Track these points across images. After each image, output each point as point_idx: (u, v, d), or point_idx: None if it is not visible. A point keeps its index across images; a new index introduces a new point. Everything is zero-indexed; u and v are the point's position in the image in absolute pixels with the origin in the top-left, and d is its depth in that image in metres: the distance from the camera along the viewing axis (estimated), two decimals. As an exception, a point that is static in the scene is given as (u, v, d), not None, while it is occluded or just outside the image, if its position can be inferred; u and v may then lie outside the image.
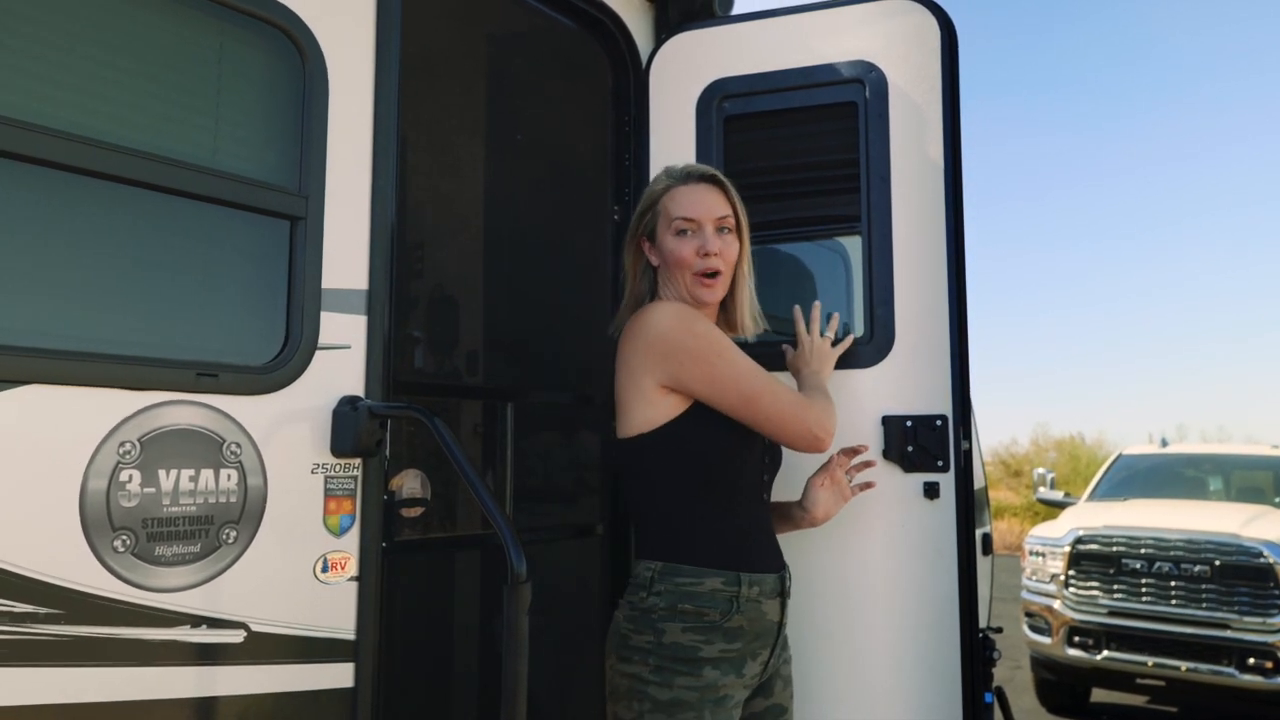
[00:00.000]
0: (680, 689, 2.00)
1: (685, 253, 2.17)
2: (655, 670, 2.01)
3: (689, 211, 2.19)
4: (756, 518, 2.19)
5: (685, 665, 2.01)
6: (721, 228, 2.20)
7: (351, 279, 2.06)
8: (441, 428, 1.93)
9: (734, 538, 2.12)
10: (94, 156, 1.70)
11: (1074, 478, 19.69)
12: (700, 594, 2.04)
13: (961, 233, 2.56)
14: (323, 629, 1.96)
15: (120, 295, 1.79)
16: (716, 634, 2.04)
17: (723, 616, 2.04)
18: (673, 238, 2.19)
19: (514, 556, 1.75)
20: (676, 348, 2.06)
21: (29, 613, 1.58)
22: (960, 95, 2.60)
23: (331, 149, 2.04)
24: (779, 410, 2.10)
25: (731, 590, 2.06)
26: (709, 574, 2.06)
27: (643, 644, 2.04)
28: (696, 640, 2.02)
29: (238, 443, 1.85)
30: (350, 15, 2.11)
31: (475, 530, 3.09)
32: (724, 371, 2.07)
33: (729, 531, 2.12)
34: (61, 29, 1.72)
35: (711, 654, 2.02)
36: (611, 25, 2.84)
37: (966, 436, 2.52)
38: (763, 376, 2.12)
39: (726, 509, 2.12)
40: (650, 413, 2.08)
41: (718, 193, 2.23)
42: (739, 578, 2.07)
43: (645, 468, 2.13)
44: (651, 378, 2.07)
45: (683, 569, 2.06)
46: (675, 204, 2.20)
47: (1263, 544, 6.11)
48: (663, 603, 2.04)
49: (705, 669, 2.01)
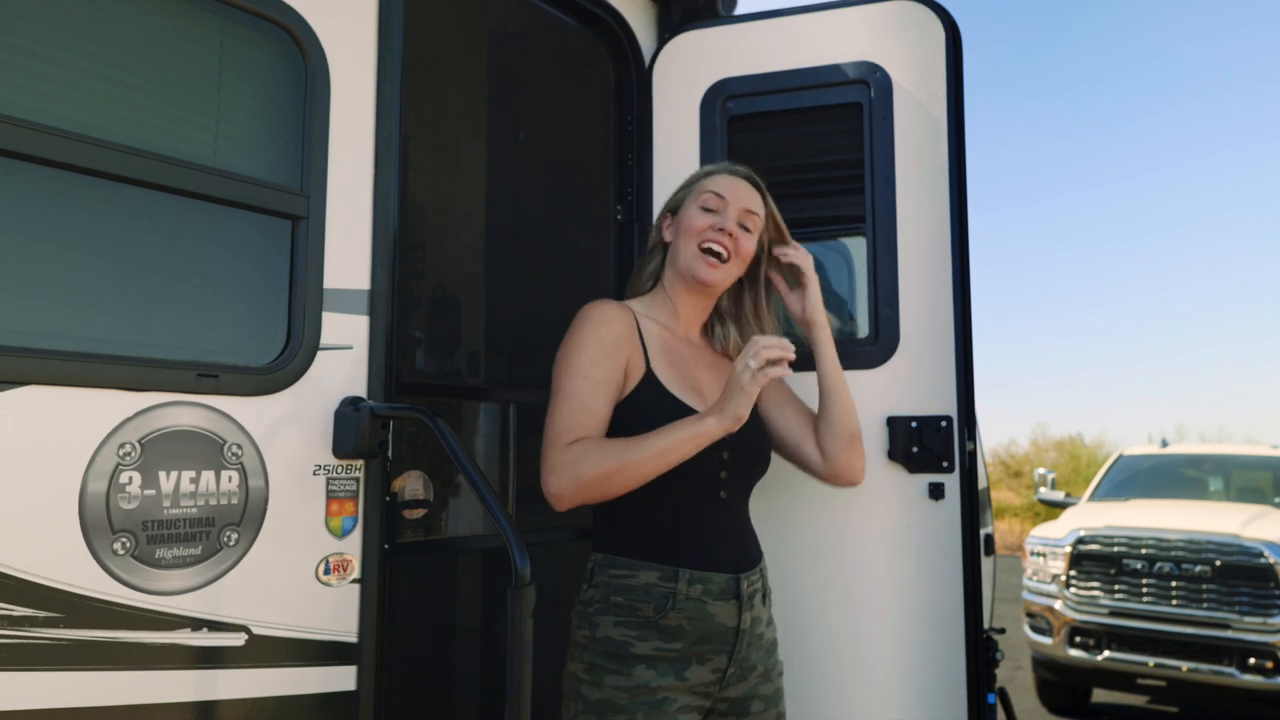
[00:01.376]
0: (610, 689, 1.93)
1: (699, 222, 2.17)
2: (588, 669, 1.97)
3: (721, 189, 2.20)
4: (709, 515, 2.08)
5: (615, 662, 1.94)
6: (744, 223, 2.19)
7: (353, 279, 2.05)
8: (444, 428, 1.91)
9: (675, 532, 2.03)
10: (94, 155, 1.69)
11: (1074, 478, 19.71)
12: (633, 587, 1.98)
13: (966, 234, 2.55)
14: (324, 632, 1.95)
15: (120, 295, 1.78)
16: (650, 630, 1.96)
17: (656, 612, 1.96)
18: (695, 209, 2.19)
19: (518, 558, 1.74)
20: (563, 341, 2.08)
21: (28, 616, 1.56)
22: (965, 97, 2.59)
23: (333, 148, 2.02)
24: (546, 439, 2.00)
25: (668, 586, 1.98)
26: (644, 567, 1.99)
27: (580, 639, 2.01)
28: (629, 635, 1.96)
29: (239, 444, 1.84)
30: (352, 14, 2.10)
31: (478, 532, 3.08)
32: (558, 379, 2.04)
33: (670, 526, 2.04)
34: (62, 27, 1.70)
35: (644, 651, 1.95)
36: (614, 24, 2.83)
37: (971, 437, 2.51)
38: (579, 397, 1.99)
39: (668, 503, 2.03)
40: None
41: (756, 193, 2.25)
42: (677, 573, 1.99)
43: None
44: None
45: (619, 561, 2.02)
46: (711, 182, 2.22)
47: (1263, 544, 6.11)
48: (598, 595, 2.01)
49: (637, 667, 1.94)
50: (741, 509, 2.18)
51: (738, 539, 2.13)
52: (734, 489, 2.14)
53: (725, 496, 2.11)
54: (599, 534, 2.10)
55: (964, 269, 2.53)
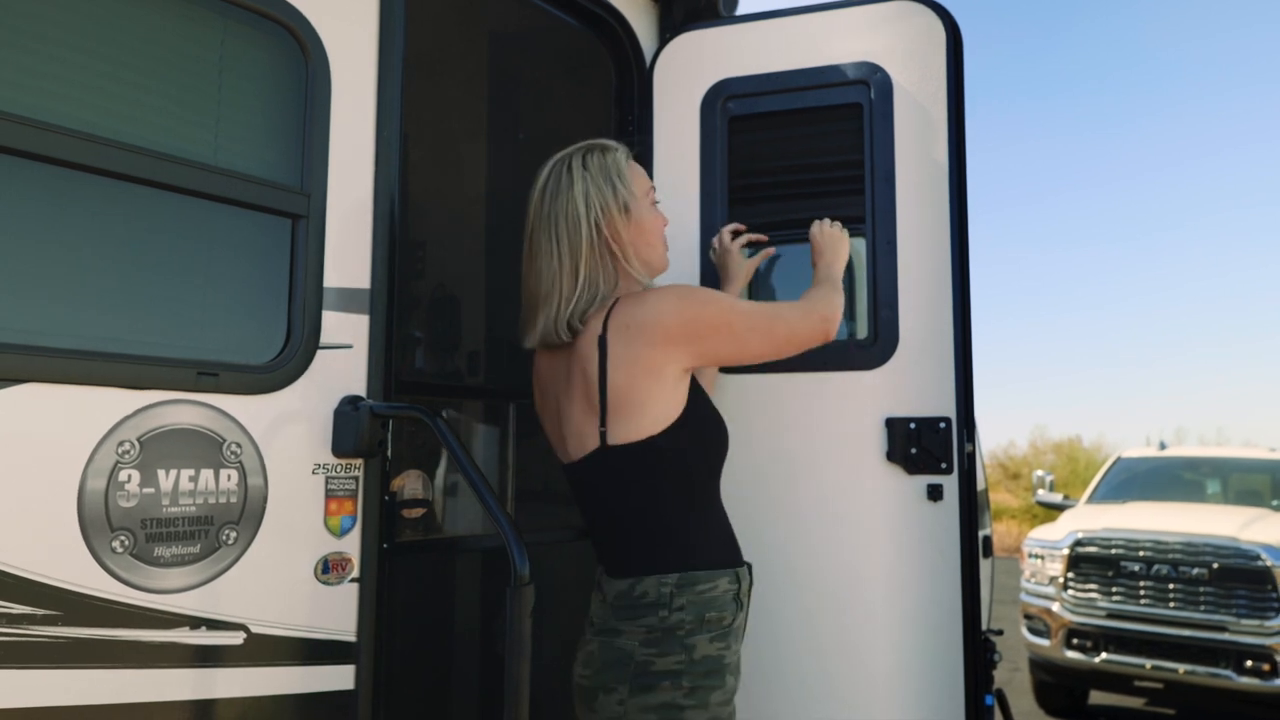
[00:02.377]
0: (715, 705, 1.90)
1: (661, 223, 2.17)
2: (690, 693, 1.88)
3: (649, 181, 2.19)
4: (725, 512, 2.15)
5: (715, 679, 1.91)
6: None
7: (353, 278, 2.05)
8: (444, 428, 1.91)
9: (725, 533, 2.08)
10: (95, 153, 1.68)
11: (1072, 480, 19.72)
12: (717, 598, 1.95)
13: (966, 235, 2.55)
14: (323, 631, 1.94)
15: (120, 293, 1.78)
16: (732, 637, 1.98)
17: (733, 618, 1.98)
18: (650, 209, 2.15)
19: (517, 558, 1.74)
20: (704, 327, 1.97)
21: (26, 614, 1.56)
22: (965, 98, 2.59)
23: (334, 147, 2.02)
24: (791, 325, 2.10)
25: (734, 588, 2.00)
26: (719, 575, 1.98)
27: (671, 666, 1.89)
28: (721, 649, 1.94)
29: (238, 443, 1.84)
30: (353, 12, 2.09)
31: (477, 531, 3.08)
32: (742, 323, 2.04)
33: (721, 528, 2.08)
34: (63, 25, 1.70)
35: (731, 659, 1.96)
36: (615, 24, 2.83)
37: (970, 439, 2.51)
38: (761, 307, 2.12)
39: (715, 505, 2.08)
40: (666, 408, 1.95)
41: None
42: (737, 574, 2.02)
43: (650, 471, 1.97)
44: (676, 366, 1.95)
45: (698, 576, 1.95)
46: (638, 172, 2.17)
47: (1261, 547, 6.11)
48: (689, 617, 1.91)
49: (728, 677, 1.94)
50: None
51: None
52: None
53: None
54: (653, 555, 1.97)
55: (964, 270, 2.53)
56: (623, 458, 1.96)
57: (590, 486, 2.04)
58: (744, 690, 2.45)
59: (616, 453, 1.96)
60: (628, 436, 1.95)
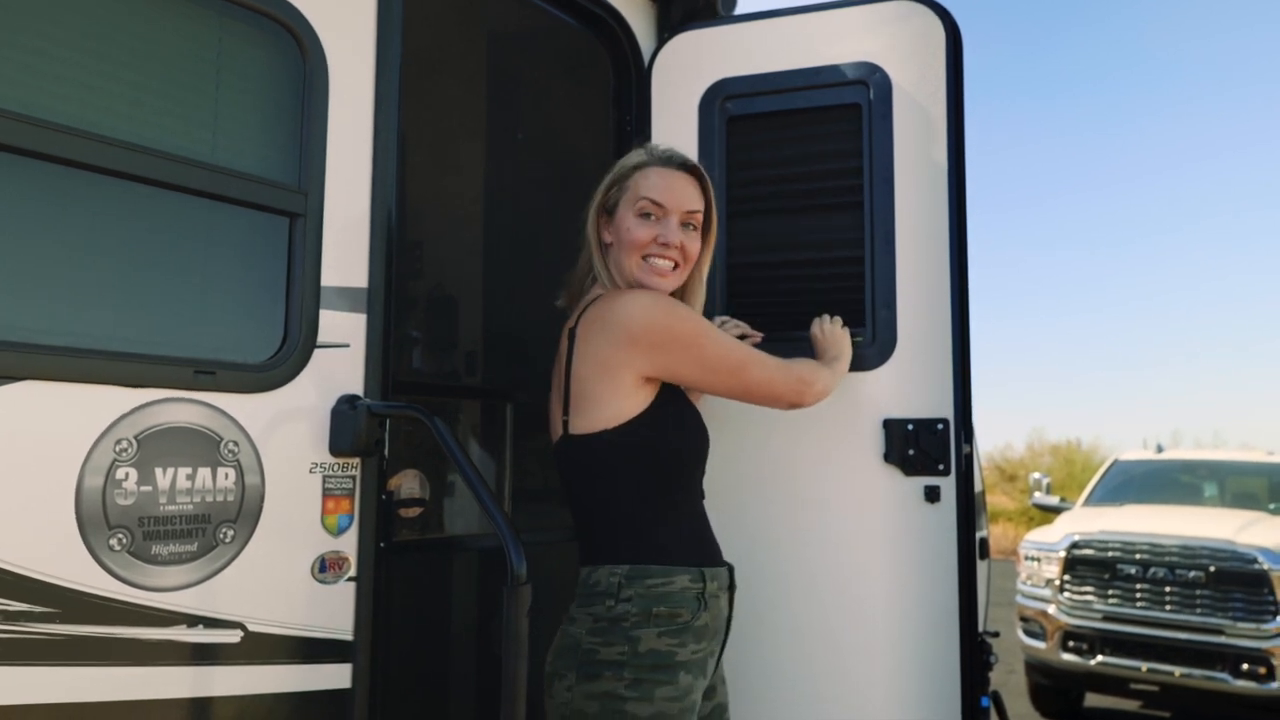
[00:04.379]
0: (662, 701, 1.89)
1: (642, 236, 2.07)
2: (632, 685, 1.88)
3: (659, 195, 2.09)
4: (702, 511, 2.14)
5: (664, 673, 1.90)
6: (688, 223, 2.12)
7: (351, 277, 2.05)
8: (441, 427, 1.91)
9: (694, 533, 2.07)
10: (92, 150, 1.69)
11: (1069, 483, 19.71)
12: (672, 594, 1.95)
13: (964, 236, 2.55)
14: (320, 629, 1.94)
15: (118, 291, 1.78)
16: (689, 635, 1.95)
17: (693, 616, 1.96)
18: (634, 218, 2.09)
19: (514, 557, 1.74)
20: (668, 338, 1.98)
21: (23, 611, 1.56)
22: (964, 98, 2.59)
23: (332, 145, 2.02)
24: (767, 374, 2.11)
25: (698, 587, 1.99)
26: (677, 572, 1.97)
27: (614, 657, 1.90)
28: (672, 645, 1.93)
29: (235, 441, 1.84)
30: (352, 11, 2.09)
31: (474, 531, 3.08)
32: (713, 351, 2.04)
33: (690, 526, 2.07)
34: (61, 22, 1.70)
35: (685, 657, 1.94)
36: (614, 24, 2.83)
37: (968, 440, 2.51)
38: (743, 346, 2.13)
39: (686, 503, 2.07)
40: (622, 406, 1.98)
41: (694, 186, 2.14)
42: (703, 573, 2.00)
43: (608, 464, 2.01)
44: (634, 371, 1.97)
45: (652, 570, 1.96)
46: (647, 184, 2.10)
47: (1257, 550, 6.11)
48: (635, 609, 1.93)
49: (680, 674, 1.92)
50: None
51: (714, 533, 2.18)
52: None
53: (704, 493, 2.16)
54: (610, 545, 2.00)
55: (962, 270, 2.53)
56: (581, 448, 2.02)
57: (560, 472, 2.11)
58: (740, 691, 2.45)
59: (576, 443, 2.02)
60: (585, 428, 2.00)
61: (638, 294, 2.04)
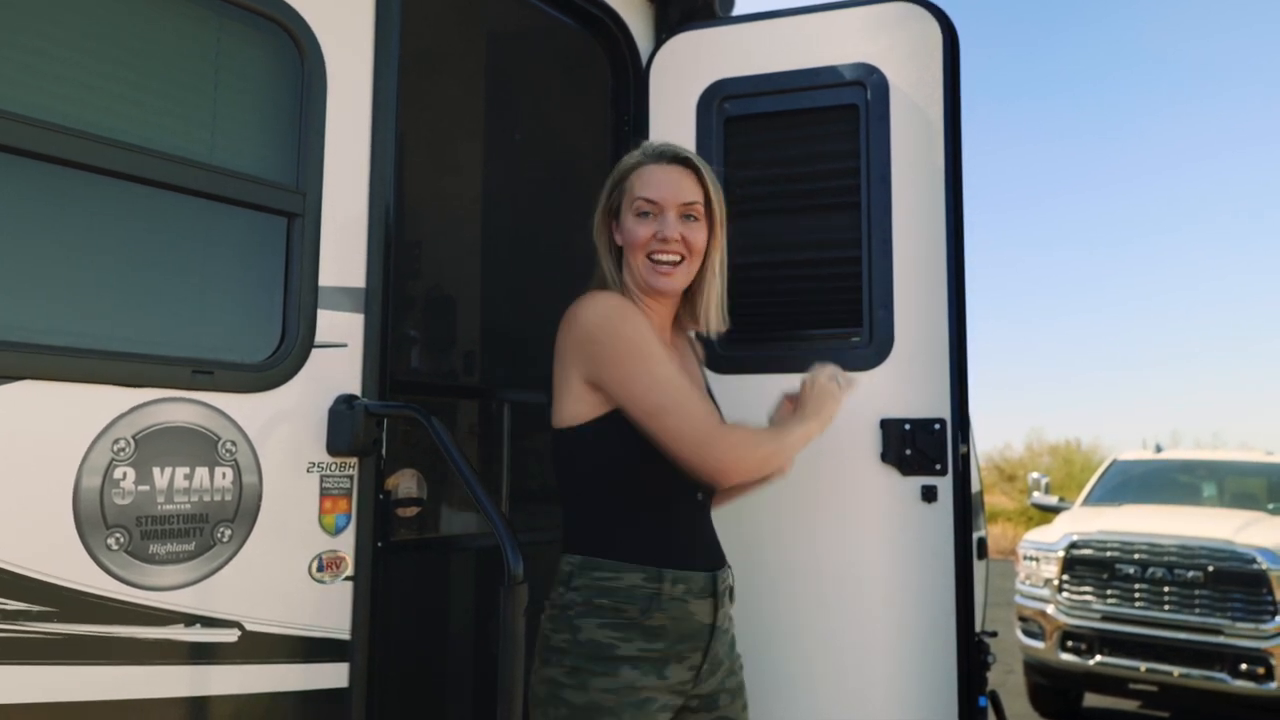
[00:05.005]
0: (596, 691, 1.90)
1: (641, 235, 2.06)
2: (570, 672, 1.92)
3: (652, 193, 2.07)
4: (687, 516, 2.08)
5: (601, 664, 1.91)
6: (687, 215, 2.09)
7: (349, 277, 2.05)
8: (439, 427, 1.92)
9: (657, 534, 2.02)
10: (90, 151, 1.69)
11: (1068, 483, 19.71)
12: (618, 589, 1.95)
13: (961, 236, 2.56)
14: (317, 628, 1.95)
15: (116, 291, 1.78)
16: (635, 631, 1.94)
17: (642, 614, 1.94)
18: (633, 218, 2.09)
19: (511, 557, 1.75)
20: (601, 346, 1.95)
21: (21, 610, 1.56)
22: (961, 99, 2.60)
23: (329, 146, 2.03)
24: (682, 430, 1.91)
25: (652, 587, 1.96)
26: (628, 569, 1.96)
27: (560, 644, 1.94)
28: (614, 637, 1.93)
29: (233, 441, 1.84)
30: (349, 12, 2.10)
31: (471, 531, 3.08)
32: (639, 379, 1.93)
33: (651, 528, 2.02)
34: (59, 22, 1.70)
35: (630, 652, 1.93)
36: (612, 25, 2.83)
37: (965, 440, 2.51)
38: (680, 393, 1.95)
39: (649, 506, 2.02)
40: (577, 407, 1.99)
41: (689, 177, 2.11)
42: (660, 574, 1.97)
43: (573, 460, 2.04)
44: (578, 372, 1.98)
45: (602, 564, 1.97)
46: (641, 182, 2.09)
47: (1256, 550, 6.11)
48: (579, 598, 1.95)
49: (623, 668, 1.91)
50: (709, 508, 2.17)
51: (712, 538, 2.14)
52: (706, 489, 2.12)
53: (701, 498, 2.11)
54: (572, 536, 2.05)
55: (959, 271, 2.54)
56: (556, 441, 2.07)
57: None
58: (738, 690, 2.45)
59: (555, 435, 2.07)
60: (555, 423, 2.06)
61: (604, 296, 2.02)
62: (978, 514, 4.93)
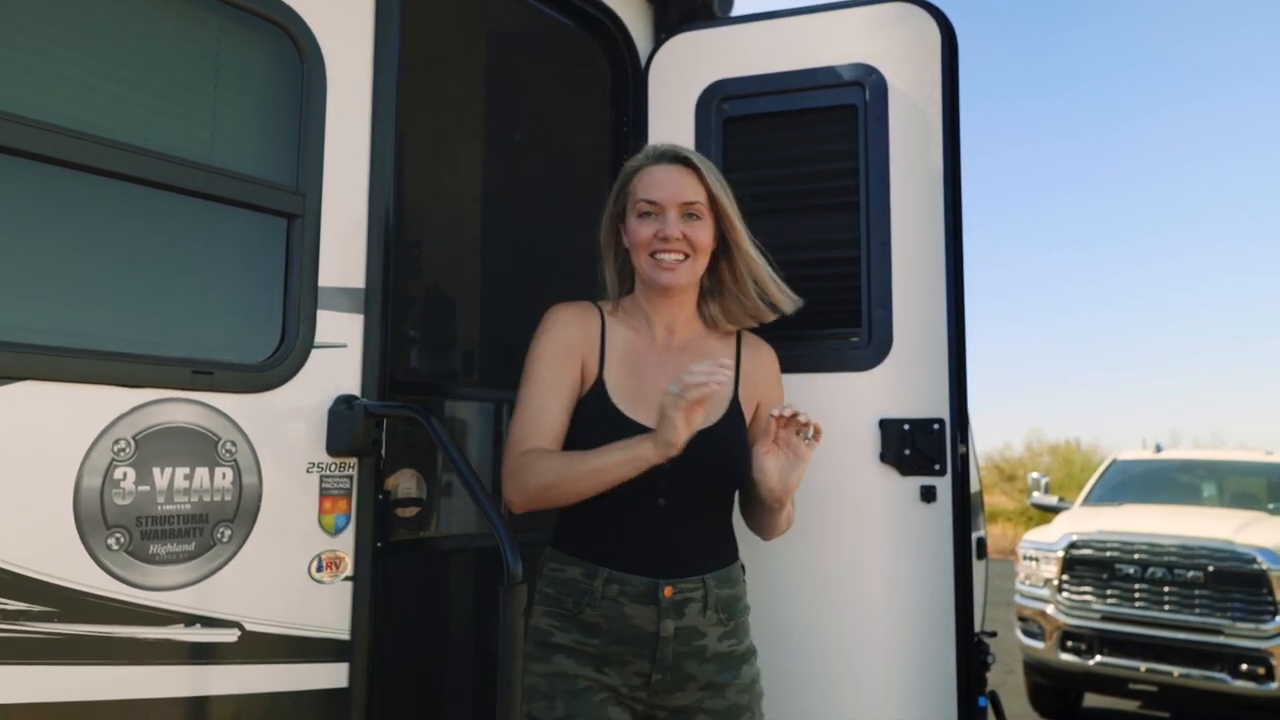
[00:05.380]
0: (534, 675, 2.00)
1: (643, 235, 2.11)
2: (526, 656, 2.01)
3: (653, 194, 2.11)
4: (642, 520, 2.03)
5: (540, 650, 2.02)
6: (689, 214, 2.11)
7: (349, 277, 2.05)
8: (438, 428, 1.92)
9: (602, 533, 2.04)
10: (90, 152, 1.69)
11: (1068, 483, 19.70)
12: (561, 581, 2.05)
13: (960, 236, 2.56)
14: (317, 629, 1.95)
15: (116, 292, 1.79)
16: (571, 623, 2.02)
17: (575, 607, 2.01)
18: (636, 219, 2.14)
19: (510, 557, 1.75)
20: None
21: (21, 610, 1.56)
22: (960, 99, 2.60)
23: (329, 146, 2.03)
24: (510, 438, 2.08)
25: (587, 583, 2.01)
26: (572, 563, 2.05)
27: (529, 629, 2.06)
28: (552, 625, 2.03)
29: (233, 441, 1.84)
30: (349, 12, 2.10)
31: (470, 531, 3.08)
32: (523, 381, 2.13)
33: (598, 526, 2.04)
34: (59, 23, 1.71)
35: (564, 641, 2.01)
36: (611, 25, 2.84)
37: (964, 440, 2.51)
38: (522, 414, 2.07)
39: (601, 504, 1.98)
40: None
41: (689, 175, 2.13)
42: (596, 571, 2.01)
43: None
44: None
45: (557, 555, 2.09)
46: (643, 185, 2.14)
47: (1256, 550, 6.11)
48: (539, 586, 2.08)
49: (557, 655, 2.00)
50: (690, 518, 2.08)
51: (673, 546, 2.05)
52: (677, 498, 2.05)
53: (664, 504, 2.04)
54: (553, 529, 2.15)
55: (958, 271, 2.54)
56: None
57: None
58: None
59: None
60: None
61: (555, 307, 2.19)
62: (977, 514, 4.93)
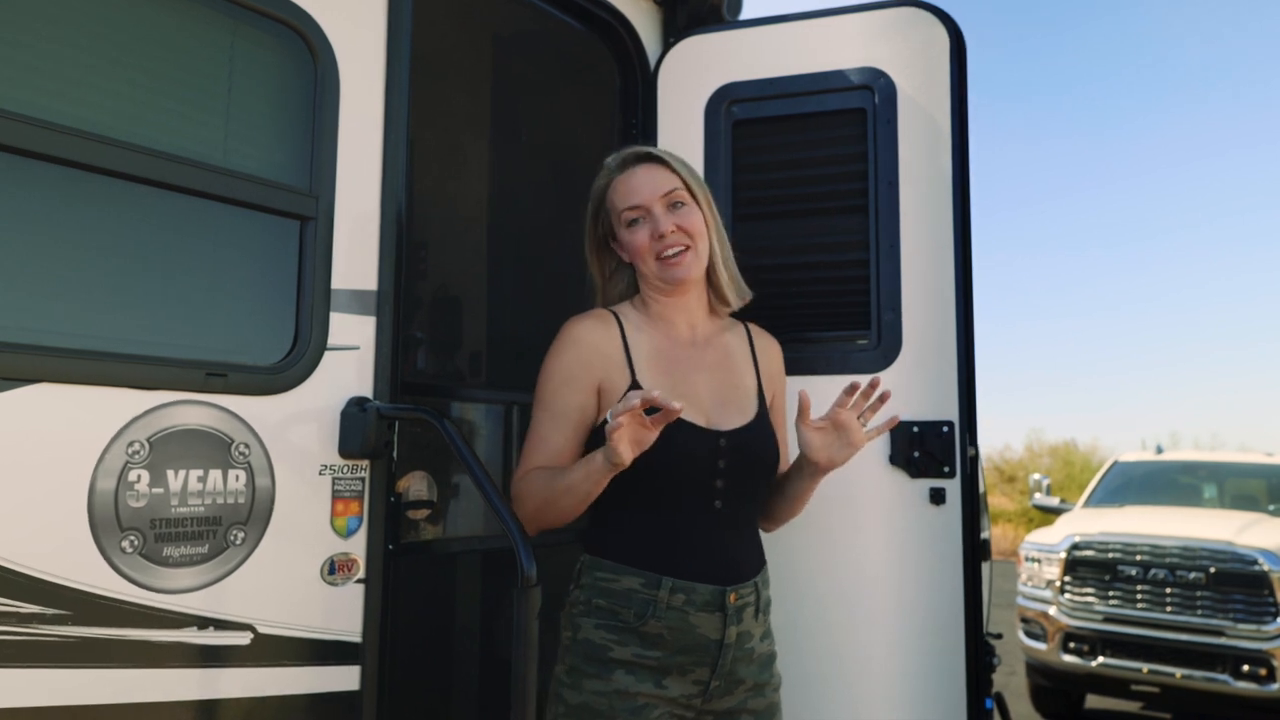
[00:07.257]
0: (589, 693, 1.91)
1: (641, 241, 2.10)
2: (569, 671, 1.95)
3: (632, 199, 2.11)
4: (700, 525, 2.00)
5: (595, 666, 1.92)
6: (674, 203, 2.10)
7: (361, 280, 2.06)
8: (451, 429, 1.92)
9: (661, 540, 1.98)
10: (104, 154, 1.69)
11: (1069, 484, 19.73)
12: (616, 591, 1.95)
13: (968, 239, 2.56)
14: (329, 631, 1.95)
15: (129, 294, 1.79)
16: (631, 636, 1.93)
17: (637, 619, 1.93)
18: (626, 231, 2.12)
19: (524, 559, 1.75)
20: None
21: (36, 613, 1.57)
22: (968, 102, 2.60)
23: (342, 149, 2.03)
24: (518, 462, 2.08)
25: (649, 593, 1.93)
26: (627, 572, 1.96)
27: (565, 641, 1.99)
28: (609, 639, 1.93)
29: (246, 443, 1.84)
30: (362, 15, 2.10)
31: (483, 533, 3.08)
32: (535, 393, 2.09)
33: (655, 533, 1.98)
34: (72, 25, 1.71)
35: (623, 656, 1.92)
36: (620, 28, 2.84)
37: (973, 443, 2.52)
38: (532, 436, 2.06)
39: (655, 510, 1.99)
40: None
41: (658, 169, 2.13)
42: (659, 581, 1.94)
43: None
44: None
45: (604, 564, 1.99)
46: (619, 196, 2.13)
47: (1257, 551, 6.12)
48: (583, 597, 1.98)
49: (616, 672, 1.91)
50: (740, 519, 2.07)
51: (731, 550, 2.04)
52: (731, 498, 2.04)
53: (720, 506, 2.02)
54: (589, 535, 2.06)
55: (966, 274, 2.54)
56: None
57: None
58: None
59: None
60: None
61: (569, 322, 2.12)
62: (982, 515, 4.93)
